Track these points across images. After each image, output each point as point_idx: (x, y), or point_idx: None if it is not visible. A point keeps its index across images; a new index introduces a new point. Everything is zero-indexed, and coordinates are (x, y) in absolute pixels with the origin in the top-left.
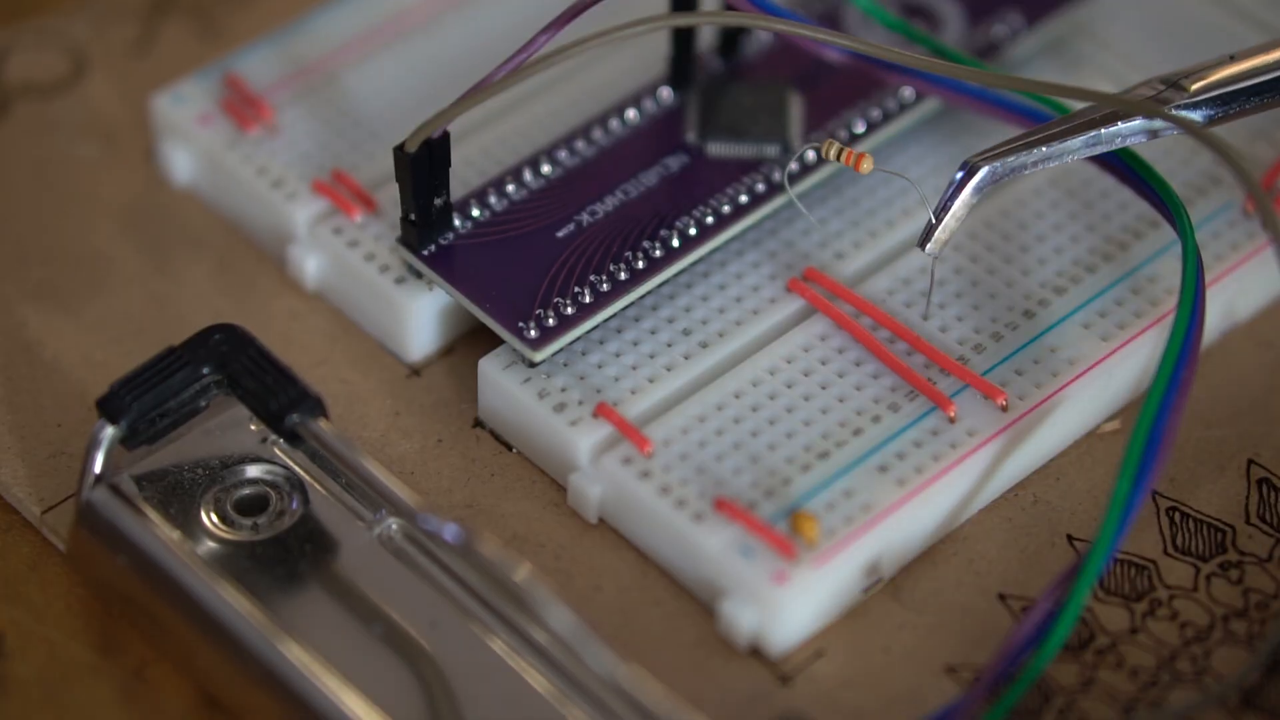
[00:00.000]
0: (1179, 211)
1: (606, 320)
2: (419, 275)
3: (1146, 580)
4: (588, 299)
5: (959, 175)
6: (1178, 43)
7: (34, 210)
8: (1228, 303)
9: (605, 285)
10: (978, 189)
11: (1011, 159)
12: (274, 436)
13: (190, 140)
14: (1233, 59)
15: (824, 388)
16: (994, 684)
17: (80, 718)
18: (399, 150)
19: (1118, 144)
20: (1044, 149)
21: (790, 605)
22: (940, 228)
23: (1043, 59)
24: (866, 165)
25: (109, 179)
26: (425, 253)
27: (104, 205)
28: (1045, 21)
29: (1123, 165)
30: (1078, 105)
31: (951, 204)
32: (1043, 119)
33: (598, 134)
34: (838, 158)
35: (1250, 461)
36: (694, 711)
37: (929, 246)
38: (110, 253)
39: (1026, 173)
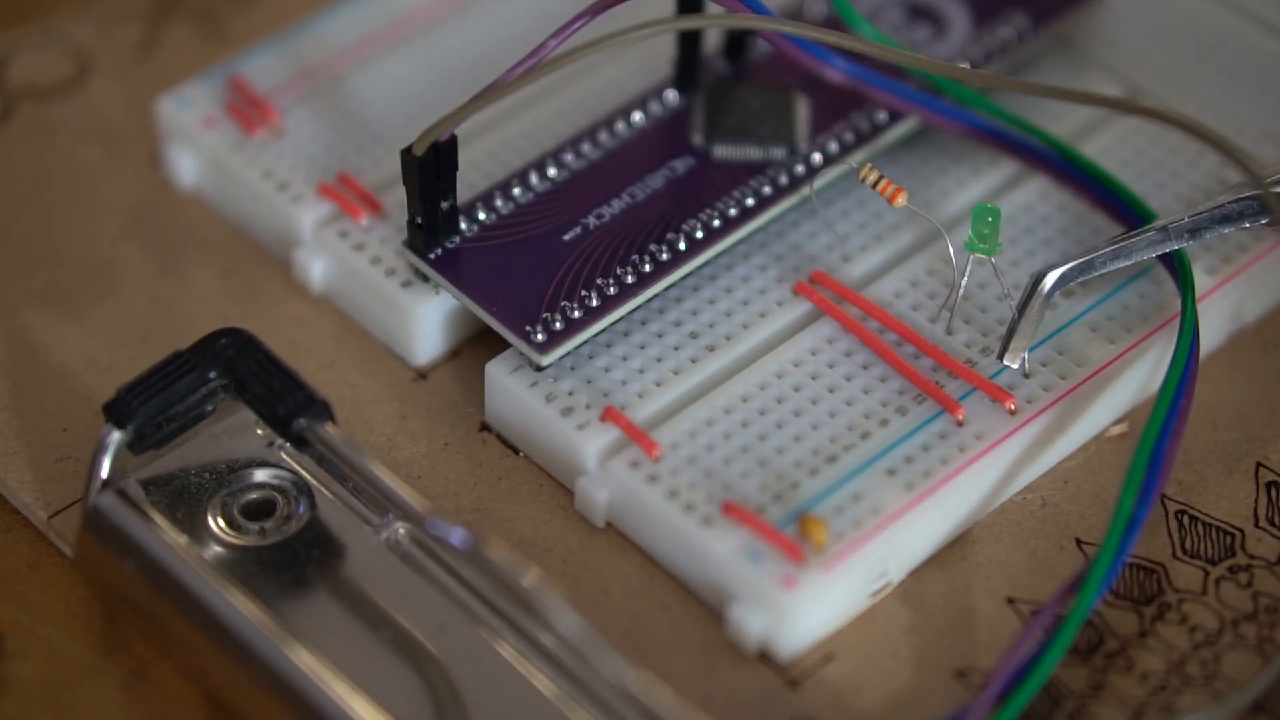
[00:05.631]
0: (1179, 255)
1: (613, 324)
2: (425, 279)
3: (1155, 584)
4: (594, 302)
5: (1030, 284)
6: (1185, 45)
7: (38, 214)
8: (1235, 306)
9: (612, 289)
10: (1048, 296)
11: (1080, 264)
12: (281, 441)
13: (195, 143)
14: None
15: (831, 391)
16: (1002, 689)
17: (81, 718)
18: (406, 153)
19: (1185, 242)
20: (1112, 250)
21: (799, 609)
22: (1018, 335)
23: (1049, 61)
24: (901, 200)
25: (114, 182)
26: (432, 256)
27: (109, 208)
28: (1052, 23)
29: (1121, 204)
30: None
31: (1026, 312)
32: (1027, 147)
33: (604, 137)
34: (874, 185)
35: (1259, 464)
36: (703, 716)
37: (1008, 358)
38: (115, 256)
39: (1095, 274)
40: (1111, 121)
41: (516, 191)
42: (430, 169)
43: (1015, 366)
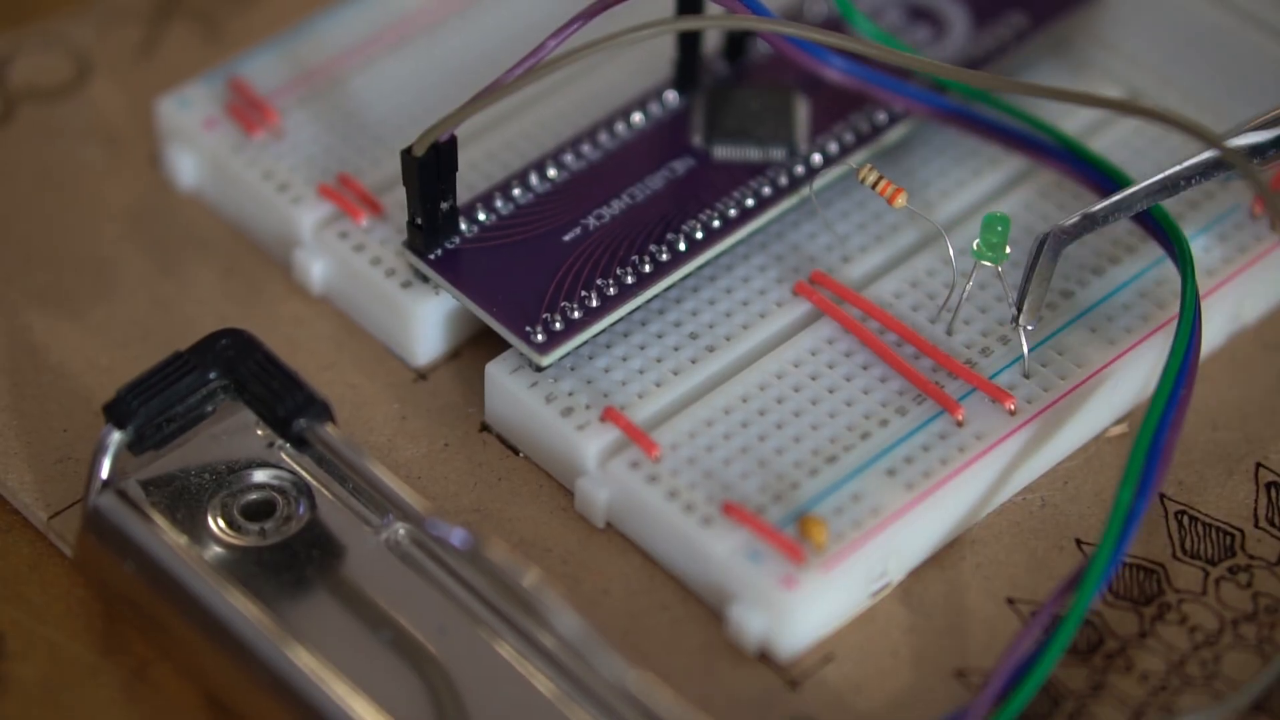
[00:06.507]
0: (1178, 238)
1: (613, 324)
2: (425, 279)
3: (1155, 584)
4: (594, 303)
5: (1036, 246)
6: (1184, 46)
7: (39, 214)
8: (1235, 306)
9: (612, 289)
10: (1054, 254)
11: (1081, 222)
12: (281, 441)
13: (195, 144)
14: None
15: (831, 391)
16: (1001, 689)
17: (81, 718)
18: (406, 154)
19: (1182, 187)
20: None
21: (799, 609)
22: (1030, 297)
23: (1048, 62)
24: (901, 200)
25: (114, 183)
26: (431, 257)
27: (109, 209)
28: (1051, 24)
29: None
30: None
31: (1036, 272)
32: (1030, 140)
33: (603, 138)
34: (874, 186)
35: (1259, 465)
36: (703, 716)
37: (1024, 318)
38: (115, 257)
39: (1097, 228)
40: (1112, 123)
41: (516, 192)
42: (430, 169)
43: (1032, 328)
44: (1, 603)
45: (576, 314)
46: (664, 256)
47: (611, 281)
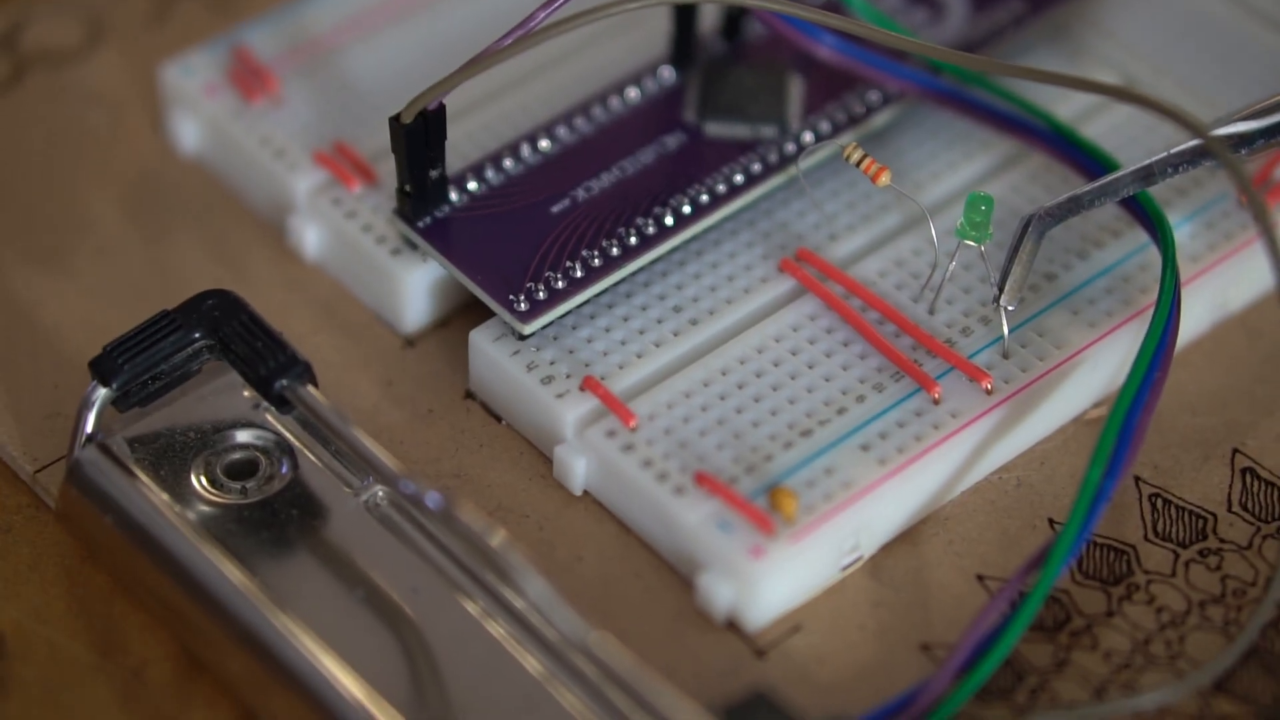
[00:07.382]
0: (1161, 223)
1: (598, 295)
2: (414, 247)
3: (1125, 565)
4: (579, 273)
5: (1021, 226)
6: (1181, 34)
7: (43, 175)
8: (1220, 292)
9: (597, 260)
10: (1038, 236)
11: (1066, 204)
12: (265, 403)
13: (197, 110)
14: None
15: (810, 367)
16: (964, 662)
17: (81, 718)
18: (394, 121)
19: (1167, 174)
20: (1097, 187)
21: (767, 580)
22: (1012, 277)
23: (1045, 48)
24: (884, 179)
25: (117, 147)
26: (421, 225)
27: (111, 173)
28: (1049, 10)
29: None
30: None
31: (1018, 254)
32: (1021, 124)
33: (597, 111)
34: (858, 164)
35: (1235, 450)
36: (662, 677)
37: (1005, 298)
38: (115, 218)
39: (1081, 211)
40: (1107, 109)
41: (508, 163)
42: (418, 137)
43: (1013, 308)
44: (1, 602)
45: (560, 284)
46: (650, 230)
47: (597, 253)
